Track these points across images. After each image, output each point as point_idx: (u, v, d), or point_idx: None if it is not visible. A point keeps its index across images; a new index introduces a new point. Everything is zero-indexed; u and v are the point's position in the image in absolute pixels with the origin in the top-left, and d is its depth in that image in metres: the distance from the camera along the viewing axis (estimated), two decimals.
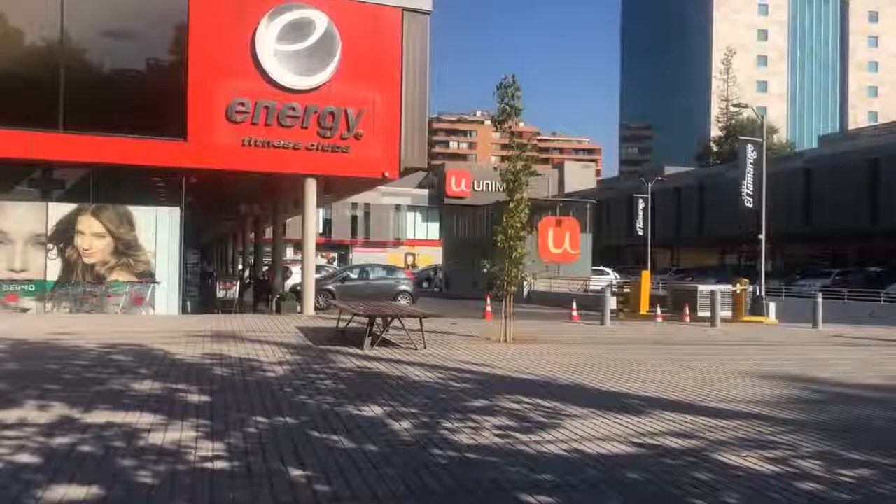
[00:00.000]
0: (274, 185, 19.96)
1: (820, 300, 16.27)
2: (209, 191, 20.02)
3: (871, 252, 36.05)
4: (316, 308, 16.91)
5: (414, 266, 54.30)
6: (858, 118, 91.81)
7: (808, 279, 31.83)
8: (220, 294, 19.01)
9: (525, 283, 29.20)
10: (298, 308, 16.80)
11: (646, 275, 22.14)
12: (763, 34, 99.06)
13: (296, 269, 23.59)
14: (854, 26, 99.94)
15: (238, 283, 20.27)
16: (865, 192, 34.78)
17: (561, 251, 33.71)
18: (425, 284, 41.88)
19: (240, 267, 35.21)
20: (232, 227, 37.56)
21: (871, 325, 18.45)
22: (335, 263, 49.74)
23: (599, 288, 23.59)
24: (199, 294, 20.01)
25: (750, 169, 23.05)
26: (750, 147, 23.53)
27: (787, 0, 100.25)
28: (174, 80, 15.15)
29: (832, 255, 39.23)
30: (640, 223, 41.77)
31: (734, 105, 33.14)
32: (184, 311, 15.72)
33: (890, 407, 6.97)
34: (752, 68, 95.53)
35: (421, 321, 10.12)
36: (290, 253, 39.74)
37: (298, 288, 18.42)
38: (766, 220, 22.77)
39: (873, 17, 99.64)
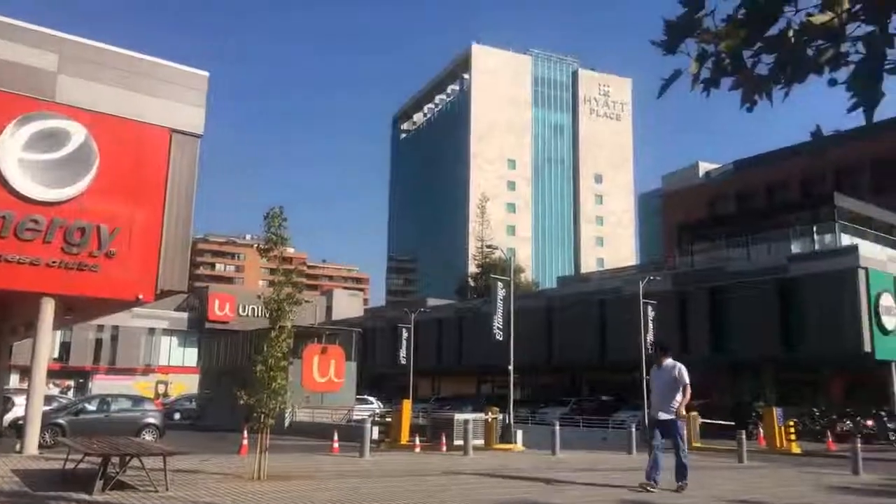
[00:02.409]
0: (2, 304, 17.65)
1: (557, 428, 17.77)
2: None
3: (603, 382, 40.52)
4: (41, 446, 14.77)
5: (166, 395, 50.03)
6: (589, 263, 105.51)
7: (550, 407, 34.70)
8: None
9: (286, 413, 28.27)
10: (17, 446, 14.54)
11: (406, 404, 22.64)
12: (512, 185, 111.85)
13: (20, 400, 20.57)
14: (583, 185, 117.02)
15: None
16: (595, 328, 39.49)
17: (325, 380, 33.37)
18: (177, 416, 38.68)
19: None
20: None
21: (602, 451, 20.49)
22: (70, 393, 44.04)
23: (362, 417, 23.60)
24: None
25: (500, 304, 25.26)
26: (500, 285, 25.92)
27: (530, 158, 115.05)
28: None
29: (571, 385, 43.33)
30: (403, 352, 42.98)
31: (487, 246, 36.70)
32: None
33: None
34: (503, 213, 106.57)
35: (164, 459, 9.34)
36: (14, 381, 34.61)
37: (21, 422, 16.02)
38: (514, 352, 24.84)
39: (598, 178, 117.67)
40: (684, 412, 9.70)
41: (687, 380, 9.68)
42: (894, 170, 46.09)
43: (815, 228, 34.29)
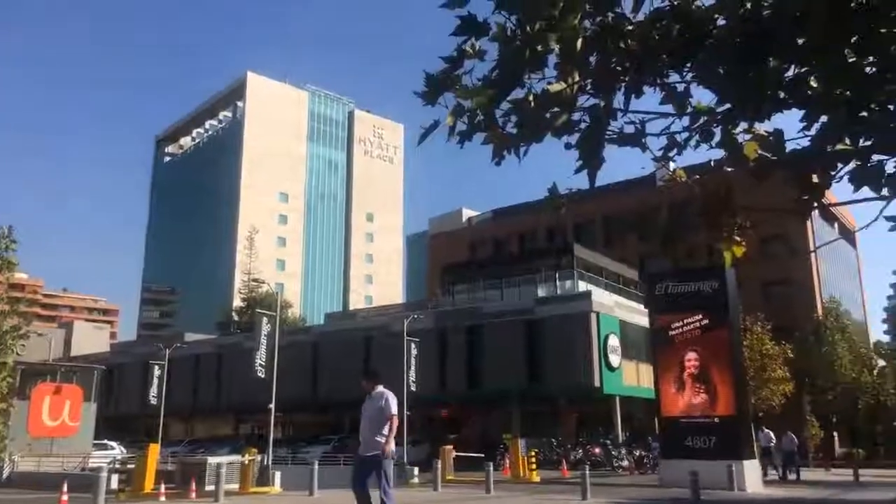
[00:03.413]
0: None
1: (316, 467, 17.50)
2: None
3: None
4: None
5: None
6: (358, 300, 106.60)
7: (313, 446, 34.08)
8: None
9: (4, 463, 24.53)
10: None
11: (153, 448, 20.85)
12: (283, 218, 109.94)
13: None
14: (355, 223, 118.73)
15: None
16: (360, 365, 39.73)
17: (58, 423, 29.74)
18: None
19: None
20: None
21: None
22: None
23: (99, 465, 21.24)
24: None
25: (264, 340, 24.43)
26: (265, 320, 25.10)
27: (303, 192, 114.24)
28: None
29: (335, 423, 42.98)
30: (153, 391, 39.62)
31: (254, 279, 35.36)
32: None
33: None
34: (273, 247, 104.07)
35: None
36: None
37: None
38: (277, 390, 24.09)
39: (370, 217, 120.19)
40: (392, 448, 8.41)
41: (394, 410, 8.45)
42: (619, 226, 53.38)
43: (557, 275, 38.11)
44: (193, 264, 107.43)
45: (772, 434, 25.17)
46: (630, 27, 3.17)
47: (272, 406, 23.69)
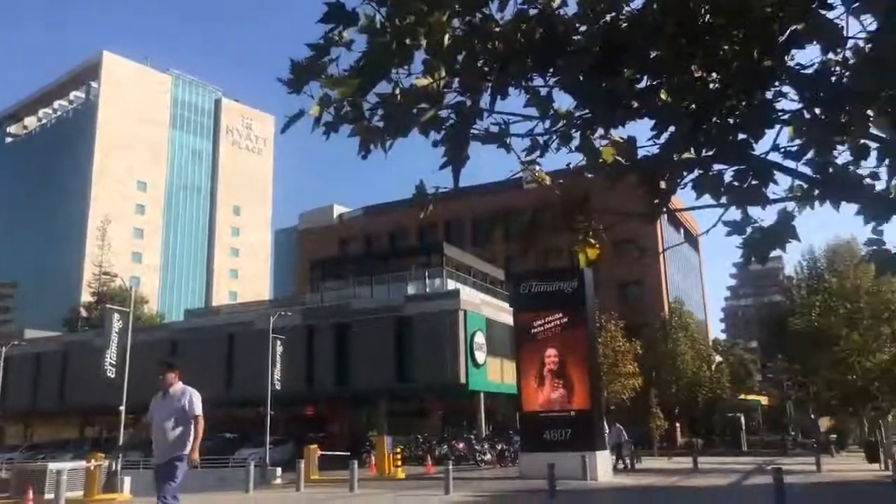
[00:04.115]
0: None
1: None
2: None
3: (228, 418, 39.10)
4: None
5: None
6: (221, 296, 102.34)
7: None
8: None
9: None
10: None
11: None
12: (141, 208, 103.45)
13: None
14: (220, 216, 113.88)
15: None
16: (223, 363, 38.26)
17: None
18: None
19: None
20: None
21: (218, 491, 19.75)
22: None
23: None
24: None
25: (115, 338, 22.87)
26: (116, 316, 23.49)
27: (164, 181, 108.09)
28: None
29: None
30: None
31: (105, 273, 32.96)
32: None
33: None
34: (129, 239, 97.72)
35: None
36: None
37: None
38: (129, 391, 22.60)
39: (237, 210, 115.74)
40: (197, 457, 7.36)
41: (199, 410, 7.57)
42: (486, 226, 54.88)
43: (426, 273, 38.49)
44: (37, 255, 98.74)
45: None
46: (497, 28, 3.22)
47: (123, 408, 22.23)
